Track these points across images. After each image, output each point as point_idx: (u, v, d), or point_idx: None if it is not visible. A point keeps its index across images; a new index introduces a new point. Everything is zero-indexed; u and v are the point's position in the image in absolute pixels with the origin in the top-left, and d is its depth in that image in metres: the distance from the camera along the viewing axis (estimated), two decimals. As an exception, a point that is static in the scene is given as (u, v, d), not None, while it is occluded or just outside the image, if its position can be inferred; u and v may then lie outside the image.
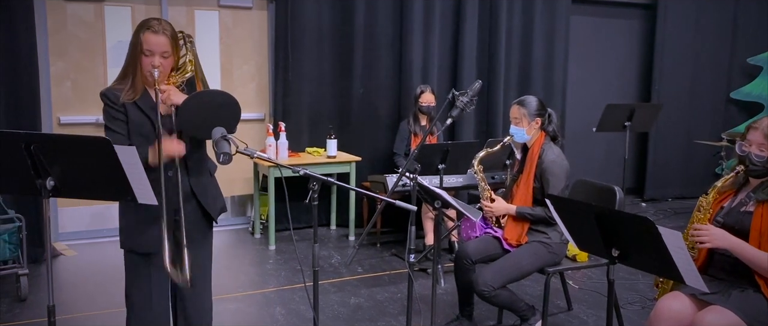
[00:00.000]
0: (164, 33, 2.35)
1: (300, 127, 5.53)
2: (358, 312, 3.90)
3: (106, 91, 2.43)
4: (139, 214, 2.42)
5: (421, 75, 5.64)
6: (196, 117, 2.32)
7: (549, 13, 6.14)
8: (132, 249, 2.49)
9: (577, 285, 4.34)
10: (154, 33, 2.34)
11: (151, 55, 2.34)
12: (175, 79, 2.47)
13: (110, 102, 2.40)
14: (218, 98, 2.38)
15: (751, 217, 2.45)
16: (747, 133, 2.54)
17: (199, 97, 2.37)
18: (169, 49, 2.36)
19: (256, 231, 5.50)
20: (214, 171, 2.66)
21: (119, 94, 2.39)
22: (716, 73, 7.16)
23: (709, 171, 7.28)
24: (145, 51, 2.34)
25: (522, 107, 3.34)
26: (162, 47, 2.34)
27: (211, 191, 2.61)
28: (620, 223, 2.22)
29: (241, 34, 5.56)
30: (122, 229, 2.51)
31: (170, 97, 2.37)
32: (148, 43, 2.33)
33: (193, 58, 2.54)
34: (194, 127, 2.36)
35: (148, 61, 2.34)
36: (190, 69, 2.53)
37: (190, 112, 2.31)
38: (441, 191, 2.74)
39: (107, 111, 2.41)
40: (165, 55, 2.36)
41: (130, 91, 2.39)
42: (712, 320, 2.34)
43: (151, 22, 2.37)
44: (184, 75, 2.51)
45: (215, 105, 2.35)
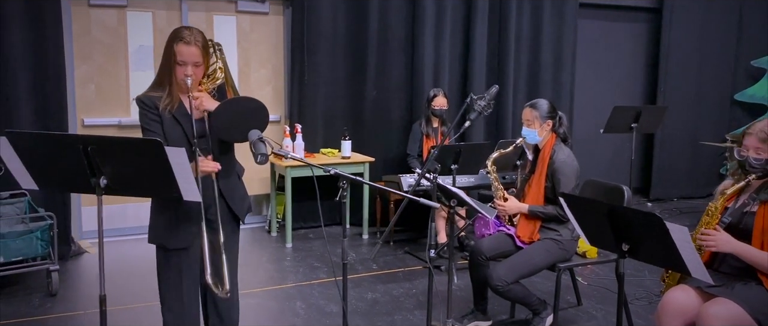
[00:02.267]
0: (196, 43, 2.48)
1: (315, 129, 5.69)
2: (376, 307, 4.05)
3: (142, 96, 2.57)
4: (174, 212, 2.56)
5: (432, 77, 5.80)
6: (229, 122, 2.46)
7: (557, 16, 6.29)
8: (163, 245, 2.62)
9: (585, 282, 4.48)
10: (186, 44, 2.47)
11: (184, 65, 2.48)
12: (207, 85, 2.62)
13: (147, 107, 2.54)
14: (249, 104, 2.52)
15: (754, 218, 2.59)
16: (743, 138, 2.67)
17: (231, 104, 2.51)
18: (200, 58, 2.50)
19: (273, 229, 5.66)
20: (242, 174, 2.81)
21: (156, 101, 2.53)
22: (720, 76, 7.29)
23: (713, 172, 7.43)
24: (179, 61, 2.48)
25: (534, 110, 3.49)
26: (194, 57, 2.48)
27: (239, 192, 2.75)
28: (630, 220, 2.37)
29: (258, 39, 5.72)
30: (153, 226, 2.63)
31: (203, 103, 2.52)
32: (181, 54, 2.47)
33: (223, 66, 2.69)
34: (227, 132, 2.51)
35: (181, 70, 2.48)
36: (221, 76, 2.67)
37: (223, 118, 2.46)
38: (459, 191, 2.89)
39: (145, 115, 2.55)
40: (197, 64, 2.50)
41: (167, 100, 2.54)
42: (717, 311, 2.48)
43: (183, 33, 2.50)
44: (214, 82, 2.65)
45: (246, 110, 2.49)
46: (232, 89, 2.70)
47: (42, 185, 2.22)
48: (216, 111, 2.46)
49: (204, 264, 2.45)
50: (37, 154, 2.15)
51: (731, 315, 2.47)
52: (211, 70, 2.64)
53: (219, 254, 2.53)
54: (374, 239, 5.58)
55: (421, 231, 5.69)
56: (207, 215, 2.59)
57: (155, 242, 2.64)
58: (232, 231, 2.71)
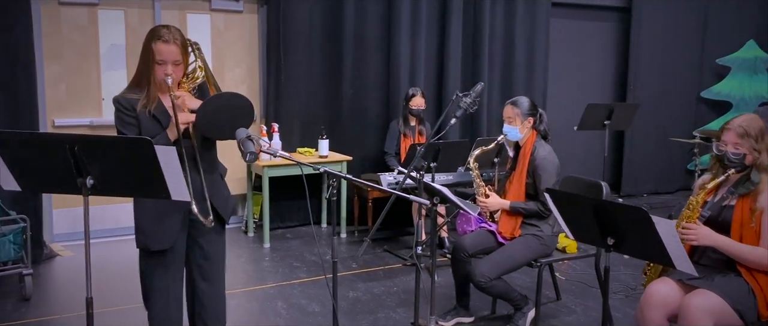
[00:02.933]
0: (175, 42, 2.45)
1: (291, 128, 5.66)
2: (358, 305, 4.05)
3: (119, 97, 2.52)
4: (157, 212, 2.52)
5: (408, 76, 5.82)
6: (215, 119, 2.44)
7: (530, 16, 6.37)
8: (146, 247, 2.58)
9: (564, 277, 4.55)
10: (164, 43, 2.43)
11: (163, 64, 2.44)
12: (186, 85, 2.58)
13: (124, 108, 2.49)
14: (234, 100, 2.50)
15: (733, 211, 2.66)
16: (721, 133, 2.74)
17: (217, 100, 2.49)
18: (179, 57, 2.47)
19: (250, 229, 5.62)
20: (225, 174, 2.78)
21: (133, 102, 2.49)
22: (688, 74, 7.46)
23: (681, 168, 7.61)
24: (158, 60, 2.44)
25: (515, 107, 3.52)
26: (173, 56, 2.45)
27: (223, 192, 2.72)
28: (616, 214, 2.41)
29: (233, 37, 5.66)
30: (139, 229, 2.59)
31: (185, 102, 2.48)
32: (160, 53, 2.43)
33: (203, 65, 2.65)
34: (213, 129, 2.48)
35: (161, 69, 2.45)
36: (201, 75, 2.64)
37: (209, 115, 2.43)
38: (443, 188, 2.91)
39: (121, 116, 2.50)
40: (176, 63, 2.47)
41: (145, 100, 2.49)
42: (698, 302, 2.54)
43: (162, 32, 2.46)
44: (195, 81, 2.61)
45: (232, 107, 2.47)
46: (215, 88, 2.67)
47: (25, 186, 2.16)
48: (203, 107, 2.43)
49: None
50: (21, 154, 2.09)
51: (712, 307, 2.53)
52: (191, 69, 2.61)
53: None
54: (352, 238, 5.57)
55: (400, 230, 5.71)
56: (191, 215, 2.56)
57: (140, 245, 2.60)
58: (216, 231, 2.68)
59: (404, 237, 5.60)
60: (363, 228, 5.64)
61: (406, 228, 5.72)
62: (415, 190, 3.38)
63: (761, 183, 2.61)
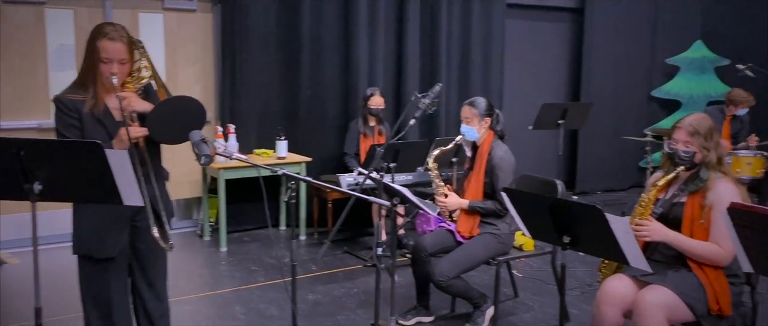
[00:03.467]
0: (121, 40, 2.37)
1: (248, 129, 5.58)
2: (318, 308, 4.02)
3: (61, 97, 2.42)
4: (99, 220, 2.45)
5: (367, 76, 5.81)
6: (166, 123, 2.37)
7: (485, 16, 6.43)
8: (89, 255, 2.50)
9: (521, 274, 4.60)
10: (111, 40, 2.36)
11: (109, 62, 2.36)
12: (131, 85, 2.49)
13: (67, 109, 2.40)
14: (186, 104, 2.43)
15: (683, 207, 2.73)
16: (673, 132, 2.81)
17: (168, 104, 2.42)
18: (126, 55, 2.39)
19: (206, 233, 5.52)
20: (168, 178, 2.72)
21: (78, 103, 2.39)
22: (638, 73, 7.65)
23: (634, 166, 7.80)
24: (104, 58, 2.35)
25: (473, 107, 3.55)
26: (120, 54, 2.37)
27: (164, 197, 2.65)
28: (571, 212, 2.44)
29: (186, 37, 5.55)
30: (79, 235, 2.50)
31: (131, 103, 2.40)
32: (106, 51, 2.35)
33: (148, 64, 2.56)
34: (164, 134, 2.41)
35: (106, 68, 2.36)
36: (146, 75, 2.55)
37: (160, 119, 2.36)
38: (403, 188, 2.91)
39: (62, 118, 2.40)
40: (123, 62, 2.39)
41: (91, 101, 2.41)
42: (652, 297, 2.60)
43: (107, 29, 2.38)
44: (140, 81, 2.53)
45: (183, 110, 2.40)
46: (163, 88, 2.58)
47: (-33, 192, 2.07)
48: (152, 112, 2.36)
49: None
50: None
51: (665, 301, 2.59)
52: (136, 68, 2.52)
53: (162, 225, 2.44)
54: (312, 240, 5.53)
55: (360, 231, 5.69)
56: (134, 221, 2.49)
57: (81, 252, 2.51)
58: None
59: (364, 238, 5.59)
60: (323, 230, 5.61)
61: (366, 229, 5.71)
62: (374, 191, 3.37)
63: (710, 180, 2.68)
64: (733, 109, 5.94)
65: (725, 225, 2.09)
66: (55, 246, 5.00)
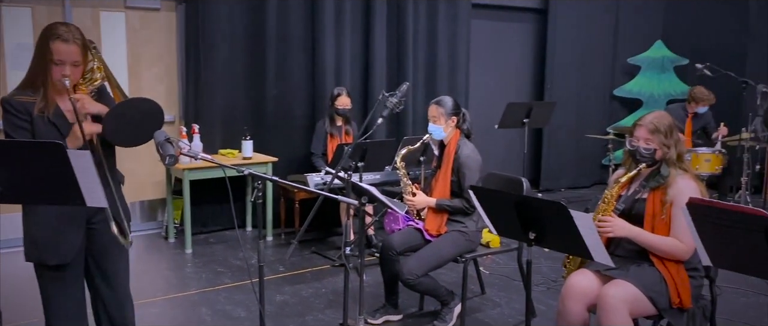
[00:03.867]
0: (75, 41, 2.30)
1: (213, 129, 5.52)
2: (285, 309, 3.99)
3: (9, 98, 2.34)
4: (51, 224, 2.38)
5: (334, 76, 5.79)
6: (123, 125, 2.31)
7: (451, 17, 6.47)
8: (42, 262, 2.43)
9: (487, 271, 4.65)
10: (64, 41, 2.28)
11: (61, 65, 2.29)
12: (84, 87, 2.42)
13: (16, 110, 2.32)
14: (142, 105, 2.36)
15: (645, 204, 2.79)
16: (634, 129, 2.87)
17: (124, 107, 2.36)
18: (79, 57, 2.32)
19: (170, 235, 5.44)
20: (123, 181, 2.66)
21: (27, 104, 2.32)
22: (601, 73, 7.80)
23: (597, 163, 7.94)
24: (56, 60, 2.28)
25: (440, 106, 3.57)
26: (73, 56, 2.30)
27: (123, 198, 2.60)
28: (537, 209, 2.48)
29: (149, 36, 5.47)
30: (30, 241, 2.42)
31: (85, 105, 2.33)
32: (59, 53, 2.28)
33: (101, 65, 2.49)
34: (120, 136, 2.36)
35: (58, 70, 2.29)
36: (99, 76, 2.48)
37: (116, 121, 2.30)
38: (372, 187, 2.91)
39: (10, 119, 2.33)
40: (76, 64, 2.32)
41: (42, 103, 2.33)
42: (615, 292, 2.65)
43: (60, 30, 2.30)
44: (92, 83, 2.46)
45: (140, 112, 2.34)
46: (117, 90, 2.51)
47: None
48: (108, 114, 2.30)
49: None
50: None
51: (627, 295, 2.64)
52: (88, 69, 2.44)
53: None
54: (279, 241, 5.50)
55: (327, 231, 5.68)
56: (90, 223, 2.44)
57: (33, 259, 2.43)
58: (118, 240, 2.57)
59: (332, 237, 5.57)
60: (290, 230, 5.58)
61: (333, 229, 5.70)
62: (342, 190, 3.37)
63: (670, 176, 2.75)
64: (695, 106, 6.10)
65: (685, 220, 2.14)
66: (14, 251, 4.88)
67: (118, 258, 2.59)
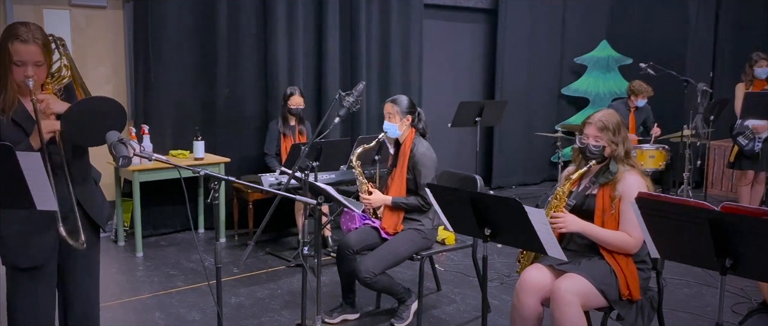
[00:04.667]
0: (35, 41, 2.25)
1: (163, 130, 5.42)
2: (241, 311, 3.95)
3: None
4: (21, 226, 2.33)
5: (287, 76, 5.75)
6: (83, 124, 2.27)
7: (404, 16, 6.51)
8: (15, 265, 2.38)
9: (443, 268, 4.70)
10: (23, 42, 2.23)
11: (22, 65, 2.24)
12: (51, 86, 2.38)
13: None
14: (103, 104, 2.33)
15: (595, 199, 2.88)
16: (583, 127, 2.96)
17: (84, 105, 2.32)
18: (41, 57, 2.28)
19: (120, 238, 5.31)
20: (99, 179, 2.62)
21: None
22: (549, 72, 7.97)
23: (546, 160, 8.12)
24: (16, 61, 2.24)
25: (395, 105, 3.60)
26: (34, 56, 2.25)
27: (98, 199, 2.57)
28: (492, 205, 2.53)
29: (96, 35, 5.32)
30: (3, 243, 2.37)
31: (49, 106, 2.28)
32: (19, 54, 2.23)
33: (68, 63, 2.46)
34: (80, 135, 2.31)
35: (20, 71, 2.25)
36: (67, 74, 2.45)
37: (76, 120, 2.26)
38: (328, 187, 2.92)
39: None
40: (38, 64, 2.27)
41: (1, 105, 2.28)
42: (567, 285, 2.72)
43: (20, 31, 2.25)
44: (60, 81, 2.42)
45: (101, 111, 2.30)
46: (81, 88, 2.48)
47: None
48: (68, 113, 2.25)
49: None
50: None
51: (579, 288, 2.72)
52: (56, 68, 2.42)
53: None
54: (233, 242, 5.43)
55: (282, 231, 5.64)
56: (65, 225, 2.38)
57: (4, 262, 2.38)
58: (91, 241, 2.52)
59: (287, 238, 5.54)
60: (243, 231, 5.51)
61: (288, 230, 5.67)
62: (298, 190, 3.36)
63: (619, 172, 2.84)
64: (635, 99, 6.29)
65: (634, 213, 2.22)
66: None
67: (87, 263, 2.54)
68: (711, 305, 4.05)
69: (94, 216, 2.51)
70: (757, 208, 1.94)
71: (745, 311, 3.71)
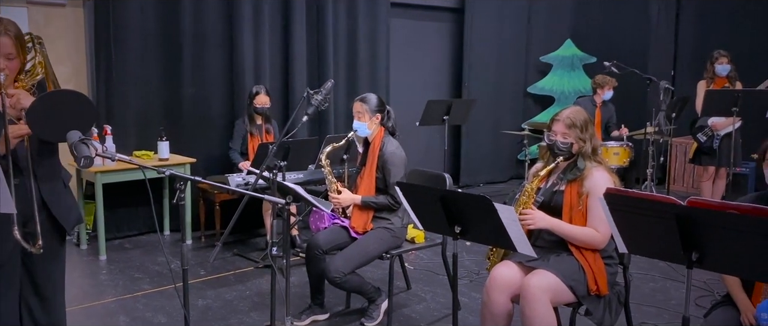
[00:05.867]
0: (8, 33, 2.22)
1: (127, 130, 5.31)
2: (208, 313, 3.89)
3: None
4: None
5: (253, 75, 5.69)
6: (48, 118, 2.19)
7: (371, 15, 6.49)
8: None
9: (412, 266, 4.70)
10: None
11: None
12: (24, 82, 2.33)
13: None
14: (71, 98, 2.27)
15: (563, 196, 2.90)
16: (551, 124, 2.98)
17: (51, 98, 2.24)
18: (13, 50, 2.24)
19: (83, 241, 5.19)
20: (68, 181, 2.54)
21: None
22: (515, 70, 8.04)
23: (513, 158, 8.19)
24: None
25: (364, 103, 3.58)
26: (6, 49, 2.21)
27: (66, 201, 2.49)
28: (461, 203, 2.53)
29: (55, 33, 5.18)
30: None
31: (20, 100, 2.22)
32: None
33: (43, 60, 2.41)
34: (45, 129, 2.23)
35: None
36: (41, 71, 2.40)
37: (41, 113, 2.19)
38: (296, 186, 2.88)
39: None
40: (10, 57, 2.23)
41: None
42: (537, 282, 2.73)
43: None
44: (34, 78, 2.37)
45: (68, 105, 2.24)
46: (53, 85, 2.42)
47: None
48: (33, 105, 2.18)
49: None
50: None
51: (549, 284, 2.73)
52: (30, 65, 2.36)
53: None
54: (199, 244, 5.34)
55: (250, 232, 5.57)
56: (25, 229, 2.30)
57: None
58: (56, 245, 2.44)
59: (254, 239, 5.48)
60: (210, 232, 5.43)
61: (256, 231, 5.60)
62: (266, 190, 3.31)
63: (586, 169, 2.87)
64: (601, 92, 6.37)
65: (602, 209, 2.24)
66: None
67: (53, 271, 2.47)
68: (675, 298, 4.13)
69: (61, 218, 2.44)
70: (722, 202, 1.97)
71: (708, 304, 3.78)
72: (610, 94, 6.38)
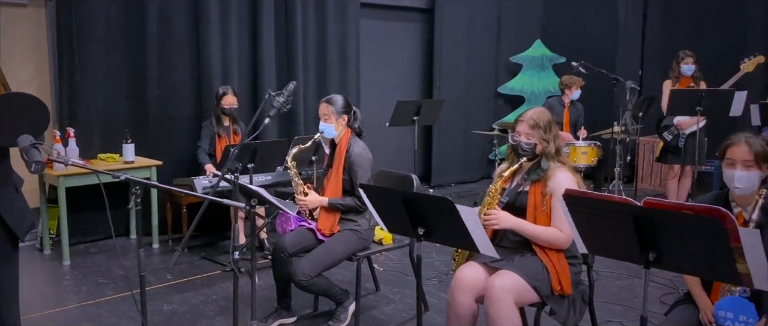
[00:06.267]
0: None
1: (90, 133, 5.21)
2: (174, 318, 3.83)
3: None
4: None
5: (221, 75, 5.62)
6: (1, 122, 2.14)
7: (340, 15, 6.46)
8: None
9: (381, 268, 4.69)
10: None
11: None
12: None
13: None
14: (23, 101, 2.20)
15: (527, 196, 2.91)
16: (516, 125, 2.99)
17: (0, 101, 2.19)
18: None
19: (46, 246, 5.08)
20: (21, 186, 2.47)
21: None
22: (485, 71, 8.08)
23: (483, 158, 8.22)
24: None
25: (330, 105, 3.55)
26: None
27: (18, 206, 2.41)
28: (424, 205, 2.52)
29: (17, 34, 5.06)
30: None
31: None
32: None
33: None
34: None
35: None
36: None
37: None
38: (260, 189, 2.85)
39: None
40: None
41: None
42: (501, 282, 2.74)
43: None
44: None
45: (19, 109, 2.18)
46: (3, 87, 2.35)
47: None
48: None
49: None
50: None
51: (513, 285, 2.74)
52: None
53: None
54: (166, 247, 5.27)
55: (217, 235, 5.51)
56: None
57: None
58: (8, 251, 2.37)
59: (223, 242, 5.42)
60: (177, 236, 5.35)
61: (224, 233, 5.54)
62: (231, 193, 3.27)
63: (550, 169, 2.88)
64: (569, 93, 6.43)
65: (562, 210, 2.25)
66: None
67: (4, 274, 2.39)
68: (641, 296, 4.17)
69: (12, 224, 2.36)
70: (678, 203, 1.99)
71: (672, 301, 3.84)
72: (578, 93, 6.45)
